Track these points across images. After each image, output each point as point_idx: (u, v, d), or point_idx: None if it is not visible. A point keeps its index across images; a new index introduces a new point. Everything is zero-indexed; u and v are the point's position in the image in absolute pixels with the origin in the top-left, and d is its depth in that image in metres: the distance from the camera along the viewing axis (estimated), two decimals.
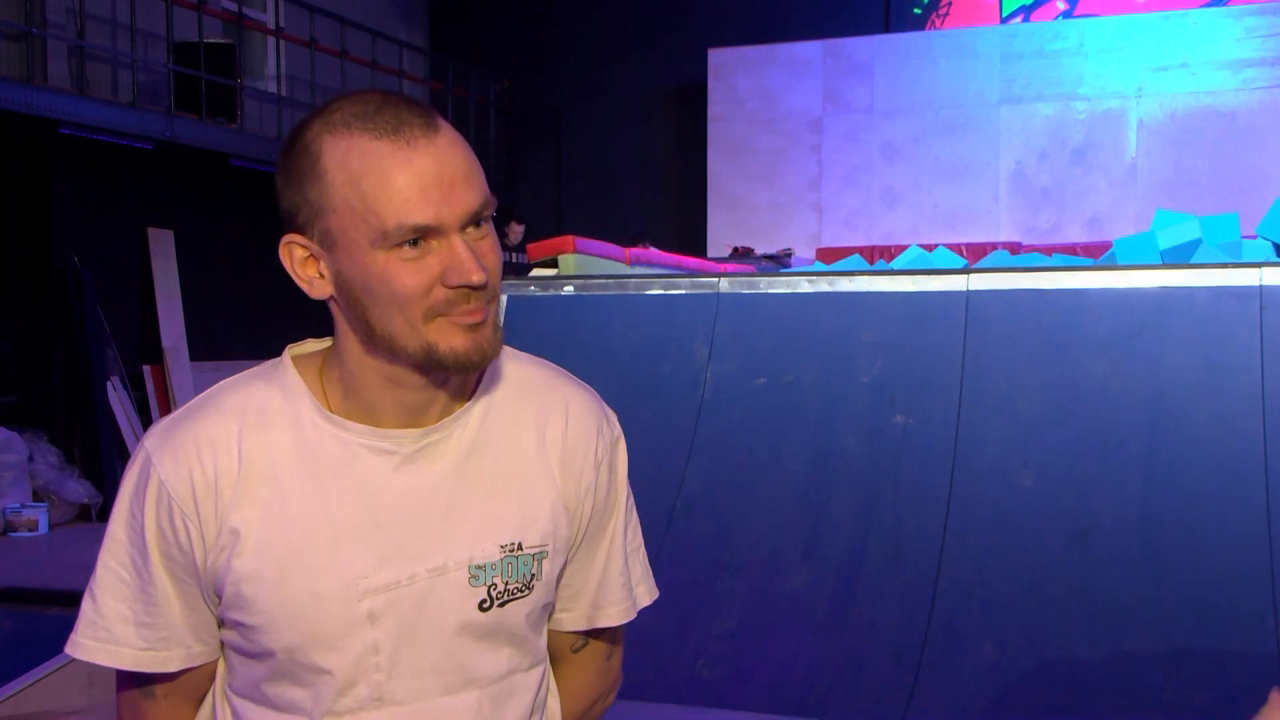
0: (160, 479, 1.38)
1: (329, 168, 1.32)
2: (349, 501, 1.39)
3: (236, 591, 1.38)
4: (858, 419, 4.98)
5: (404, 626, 1.41)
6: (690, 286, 5.57)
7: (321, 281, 1.38)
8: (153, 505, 1.38)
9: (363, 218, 1.31)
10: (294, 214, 1.37)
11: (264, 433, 1.41)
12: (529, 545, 1.47)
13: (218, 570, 1.39)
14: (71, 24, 10.58)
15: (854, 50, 13.99)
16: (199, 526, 1.38)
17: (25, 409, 10.40)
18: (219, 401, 1.44)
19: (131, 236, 11.42)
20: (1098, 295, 4.83)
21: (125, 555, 1.40)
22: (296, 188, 1.36)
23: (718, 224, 14.42)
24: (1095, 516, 4.48)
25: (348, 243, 1.32)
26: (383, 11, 15.38)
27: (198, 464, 1.38)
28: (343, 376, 1.42)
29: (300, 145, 1.36)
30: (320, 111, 1.37)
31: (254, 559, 1.37)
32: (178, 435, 1.41)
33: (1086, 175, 13.09)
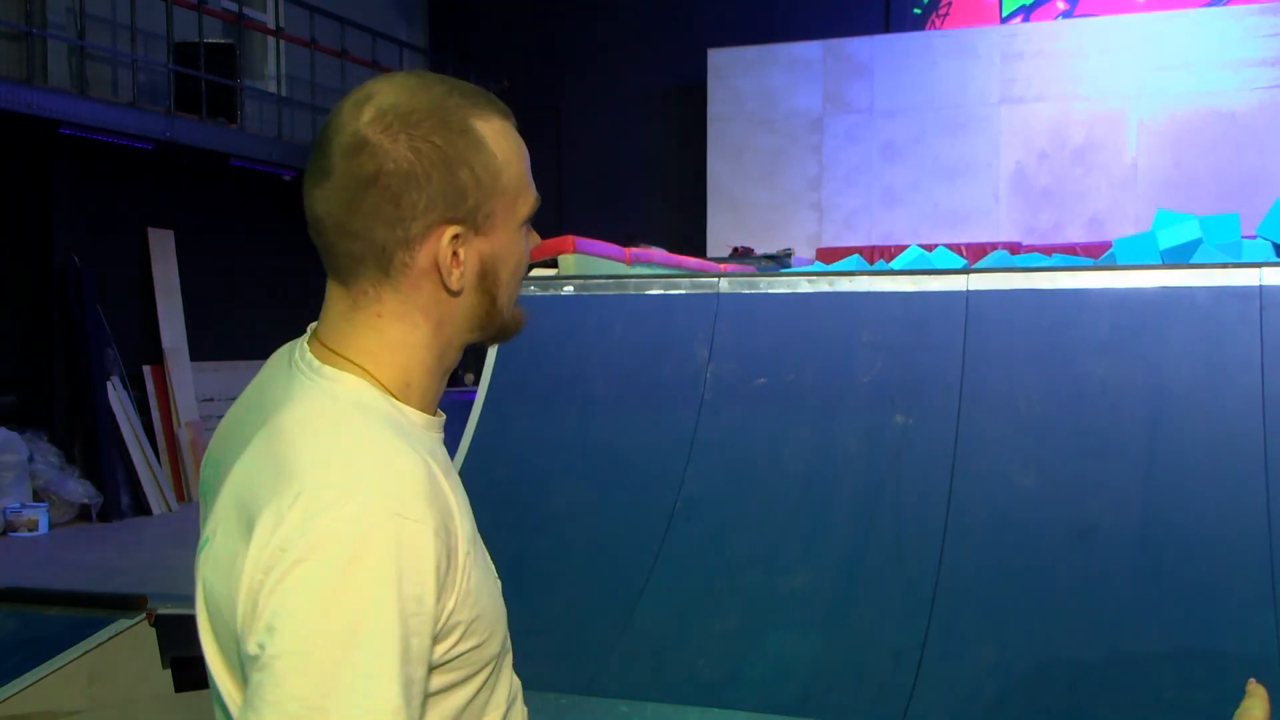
0: (432, 531, 1.19)
1: (493, 148, 1.33)
2: (457, 485, 1.33)
3: (474, 614, 1.26)
4: (858, 419, 4.96)
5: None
6: (690, 286, 5.56)
7: (459, 271, 1.33)
8: (431, 564, 1.19)
9: (518, 198, 1.36)
10: (456, 206, 1.30)
11: (421, 450, 1.27)
12: None
13: (457, 605, 1.23)
14: (72, 24, 10.59)
15: (854, 50, 13.99)
16: (453, 566, 1.23)
17: (26, 409, 10.43)
18: (382, 438, 1.25)
19: (132, 236, 11.44)
20: (1098, 295, 4.81)
21: (405, 646, 1.16)
22: (461, 172, 1.30)
23: (718, 224, 14.42)
24: (1095, 516, 4.45)
25: (504, 224, 1.35)
26: (382, 11, 15.39)
27: (437, 502, 1.23)
28: (403, 373, 1.34)
29: (447, 126, 1.30)
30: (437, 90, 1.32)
31: (477, 572, 1.28)
32: (408, 482, 1.21)
33: (1086, 175, 13.09)
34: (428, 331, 1.34)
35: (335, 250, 1.32)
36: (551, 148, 15.91)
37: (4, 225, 10.46)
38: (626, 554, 4.83)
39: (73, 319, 10.51)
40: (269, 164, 12.14)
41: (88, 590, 6.95)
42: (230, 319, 12.01)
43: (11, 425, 9.98)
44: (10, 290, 10.49)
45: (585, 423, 5.29)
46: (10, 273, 10.50)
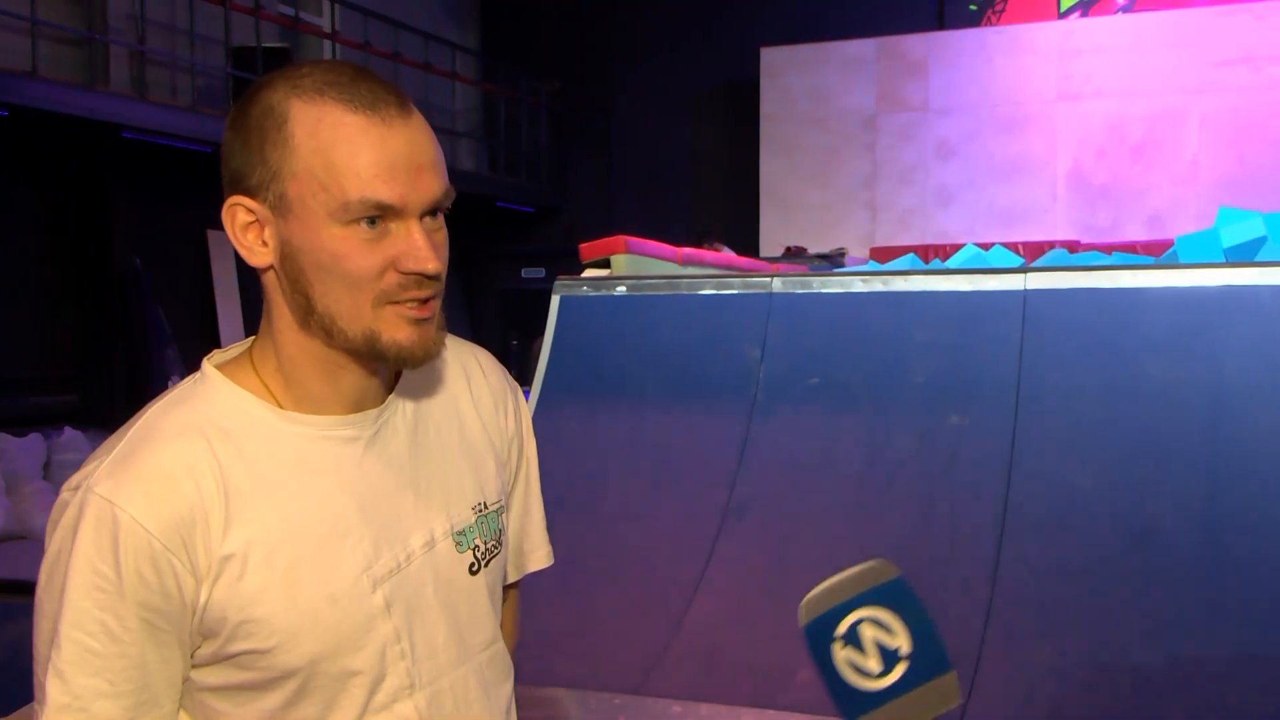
0: (133, 520, 1.25)
1: (296, 132, 1.28)
2: (333, 495, 1.35)
3: (245, 617, 1.30)
4: (912, 419, 4.92)
5: (413, 607, 1.40)
6: (742, 286, 5.52)
7: (263, 249, 1.32)
8: (129, 554, 1.25)
9: (325, 187, 1.27)
10: (245, 175, 1.31)
11: (231, 445, 1.32)
12: (490, 502, 1.51)
13: (215, 602, 1.29)
14: (132, 29, 10.72)
15: (908, 48, 13.86)
16: (189, 561, 1.27)
17: (87, 408, 10.58)
18: (165, 426, 1.32)
19: (191, 238, 11.57)
20: (1158, 294, 4.74)
21: (93, 622, 1.25)
22: (255, 149, 1.30)
23: (770, 224, 14.34)
24: (1155, 518, 4.38)
25: (304, 211, 1.29)
26: (435, 14, 15.46)
27: (175, 494, 1.27)
28: (281, 367, 1.37)
29: (263, 106, 1.30)
30: (287, 75, 1.32)
31: (258, 578, 1.30)
32: (138, 470, 1.27)
33: (1146, 172, 12.87)
34: (291, 326, 1.35)
35: None
36: (602, 148, 15.93)
37: (67, 228, 10.62)
38: (679, 554, 4.80)
39: (134, 320, 10.63)
40: None
41: None
42: None
43: (74, 424, 10.12)
44: (73, 292, 10.64)
45: (637, 422, 5.28)
46: (73, 275, 10.65)
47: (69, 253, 10.64)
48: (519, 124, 15.83)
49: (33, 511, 9.31)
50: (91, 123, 9.79)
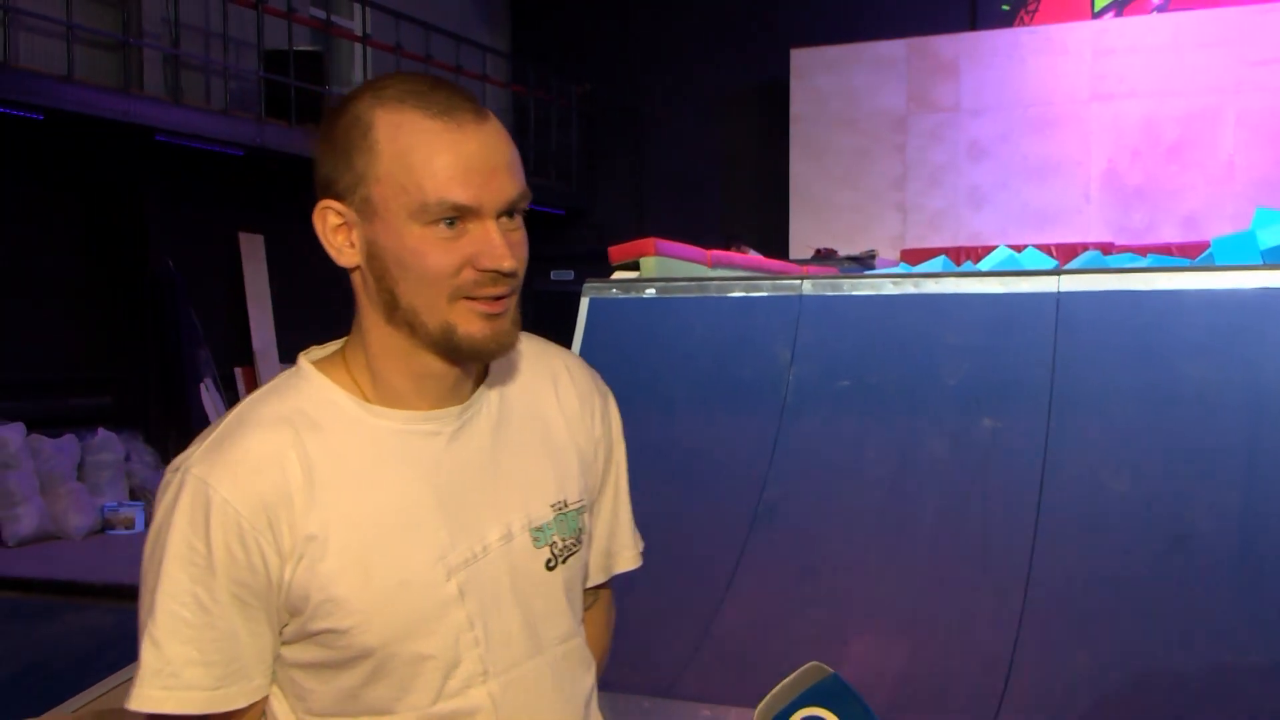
0: (224, 500, 1.34)
1: (380, 139, 1.36)
2: (412, 486, 1.42)
3: (325, 596, 1.37)
4: (944, 423, 4.88)
5: (488, 597, 1.45)
6: (772, 289, 5.49)
7: (350, 250, 1.41)
8: (219, 531, 1.34)
9: (405, 189, 1.35)
10: (333, 180, 1.40)
11: (317, 435, 1.40)
12: (572, 501, 1.56)
13: (298, 581, 1.37)
14: (167, 33, 10.78)
15: (940, 48, 13.79)
16: (274, 541, 1.36)
17: (122, 410, 10.66)
18: (258, 415, 1.41)
19: (224, 241, 11.63)
20: (1195, 296, 4.68)
21: (186, 594, 1.34)
22: (342, 155, 1.38)
23: (800, 225, 14.29)
24: (1193, 523, 4.32)
25: (387, 213, 1.37)
26: (466, 17, 15.50)
27: (262, 478, 1.36)
28: (369, 364, 1.45)
29: (350, 115, 1.38)
30: (371, 86, 1.41)
31: (337, 560, 1.37)
32: (230, 454, 1.37)
33: (1182, 173, 12.75)
34: (379, 322, 1.43)
35: None
36: (632, 150, 15.93)
37: (101, 231, 10.69)
38: (709, 557, 4.78)
39: (167, 322, 10.69)
40: None
41: None
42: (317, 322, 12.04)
43: (108, 425, 10.20)
44: (107, 294, 10.71)
45: (666, 425, 5.24)
46: (107, 277, 10.72)
47: (102, 255, 10.71)
48: (549, 126, 15.85)
49: (67, 512, 9.38)
50: (126, 126, 9.87)
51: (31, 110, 9.31)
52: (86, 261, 10.62)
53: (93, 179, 10.64)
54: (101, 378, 10.69)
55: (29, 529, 9.14)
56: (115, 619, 6.75)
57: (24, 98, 9.11)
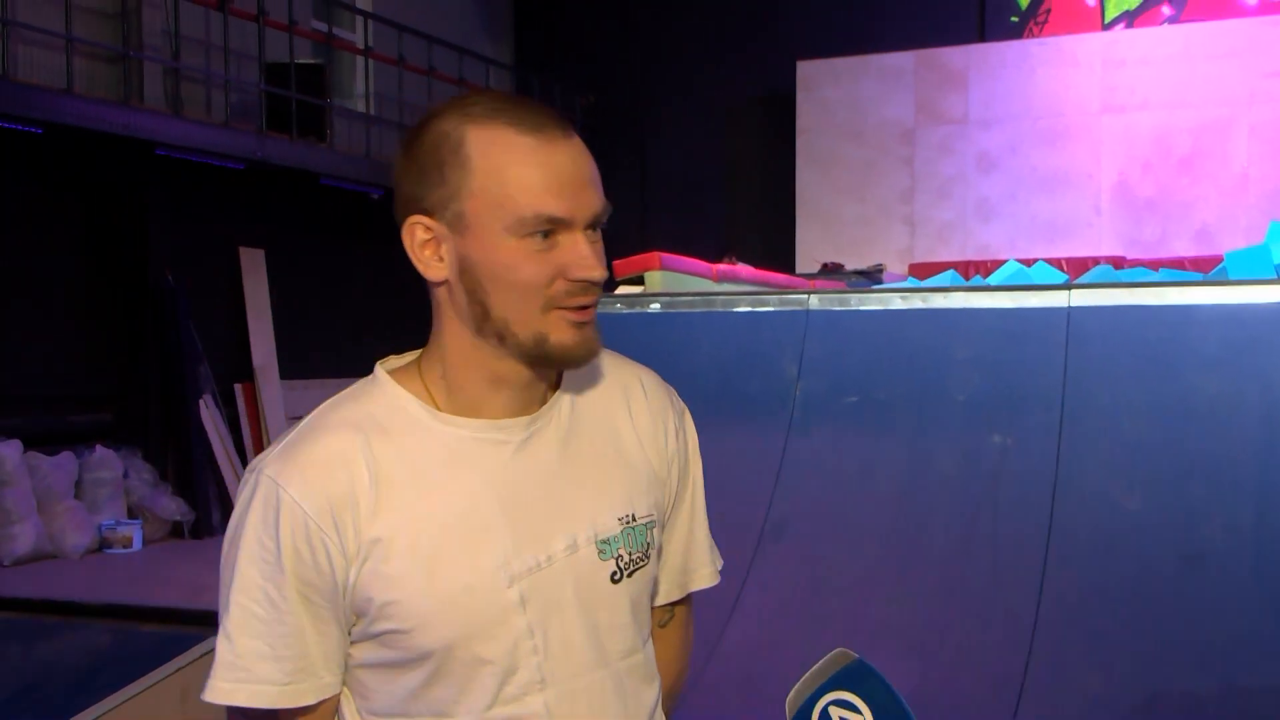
0: (293, 500, 1.39)
1: (472, 155, 1.40)
2: (478, 493, 1.45)
3: (387, 599, 1.40)
4: (954, 439, 4.89)
5: (550, 606, 1.47)
6: (779, 303, 5.51)
7: (439, 264, 1.43)
8: (287, 529, 1.38)
9: (500, 204, 1.39)
10: (421, 197, 1.43)
11: (387, 440, 1.44)
12: (640, 515, 1.56)
13: (362, 582, 1.40)
14: (167, 46, 10.76)
15: (948, 60, 13.75)
16: (339, 542, 1.39)
17: (120, 426, 10.61)
18: (330, 419, 1.46)
19: (224, 255, 11.61)
20: (1208, 311, 4.67)
21: (257, 590, 1.39)
22: (431, 172, 1.42)
23: (807, 239, 14.24)
24: (1206, 541, 4.33)
25: (480, 228, 1.40)
26: (469, 29, 15.50)
27: (330, 479, 1.40)
28: (446, 374, 1.47)
29: (437, 132, 1.42)
30: (458, 103, 1.45)
31: (401, 562, 1.40)
32: (300, 456, 1.42)
33: (1194, 186, 12.69)
34: (459, 332, 1.46)
35: None
36: (637, 162, 15.88)
37: (101, 244, 10.67)
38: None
39: (167, 337, 10.65)
40: (358, 183, 12.24)
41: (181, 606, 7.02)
42: (319, 337, 12.12)
43: (107, 442, 10.16)
44: (106, 308, 10.68)
45: None
46: (106, 291, 10.68)
47: (102, 269, 10.68)
48: None
49: (64, 530, 9.33)
50: (126, 139, 9.84)
51: (31, 124, 9.25)
52: (86, 276, 10.58)
53: (92, 193, 10.61)
54: (100, 394, 10.63)
55: (25, 548, 9.08)
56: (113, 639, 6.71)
57: (23, 111, 9.06)
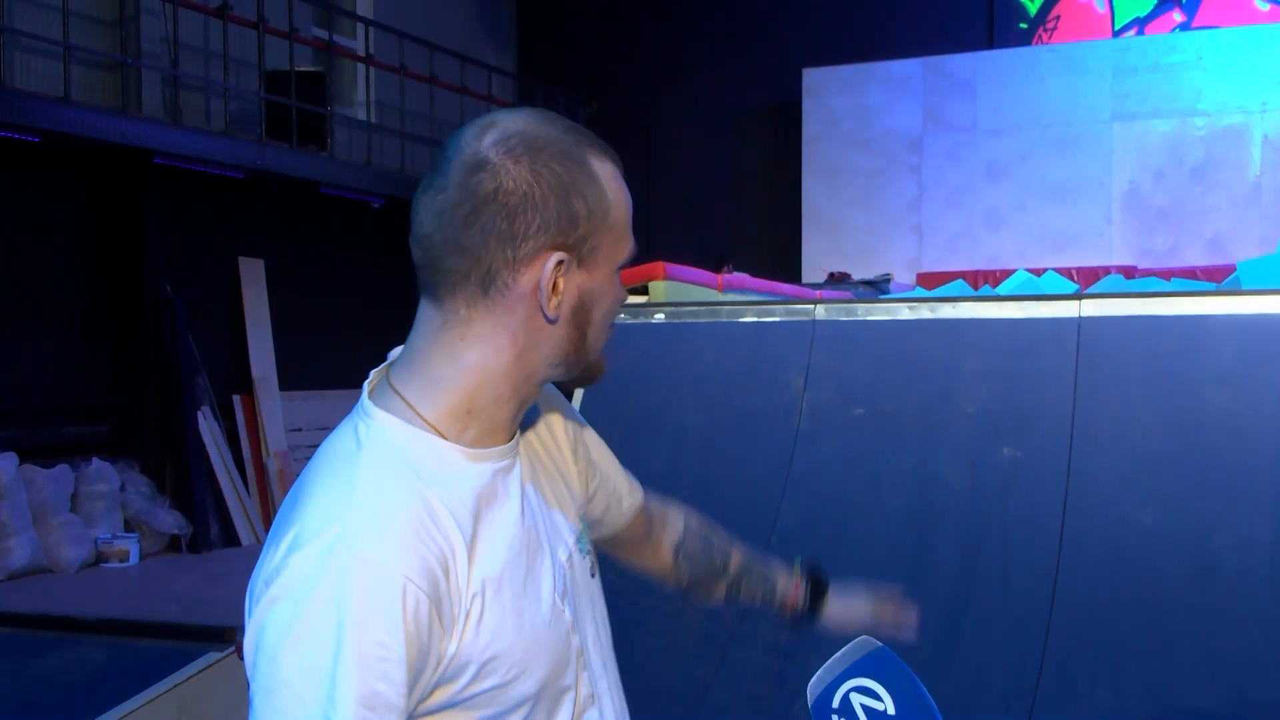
0: (406, 578, 1.25)
1: (607, 188, 1.40)
2: (518, 521, 1.42)
3: (488, 656, 1.33)
4: (962, 451, 4.83)
5: (581, 617, 1.49)
6: (785, 314, 5.46)
7: (556, 301, 1.39)
8: (403, 613, 1.24)
9: (621, 239, 1.42)
10: (566, 233, 1.37)
11: (447, 490, 1.35)
12: (580, 504, 1.62)
13: (464, 648, 1.31)
14: (165, 54, 10.71)
15: (955, 67, 13.71)
16: (449, 609, 1.29)
17: (117, 439, 10.57)
18: (381, 478, 1.32)
19: (223, 265, 11.57)
20: (1221, 322, 4.60)
21: (374, 697, 1.22)
22: (574, 199, 1.36)
23: (813, 248, 14.21)
24: (1220, 555, 4.24)
25: (605, 261, 1.41)
26: (471, 36, 15.48)
27: (432, 542, 1.29)
28: (472, 405, 1.39)
29: (569, 160, 1.37)
30: (570, 128, 1.41)
31: (495, 615, 1.34)
32: (392, 528, 1.27)
33: (1206, 194, 12.62)
34: (510, 357, 1.38)
35: (439, 266, 1.35)
36: (641, 171, 15.82)
37: (98, 254, 10.62)
38: None
39: (165, 348, 10.60)
40: (358, 191, 12.21)
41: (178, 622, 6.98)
42: (319, 348, 12.07)
43: (103, 455, 10.10)
44: (103, 319, 10.63)
45: (676, 453, 5.18)
46: (104, 302, 10.64)
47: (99, 279, 10.62)
48: None
49: (59, 544, 9.27)
50: (124, 148, 9.82)
51: (29, 132, 9.23)
52: (83, 286, 10.53)
53: (90, 202, 10.56)
54: (96, 405, 10.57)
55: (20, 561, 9.00)
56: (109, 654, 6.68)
57: (21, 120, 9.03)
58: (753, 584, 2.02)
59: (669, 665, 4.51)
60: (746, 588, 2.02)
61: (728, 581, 2.00)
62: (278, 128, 11.32)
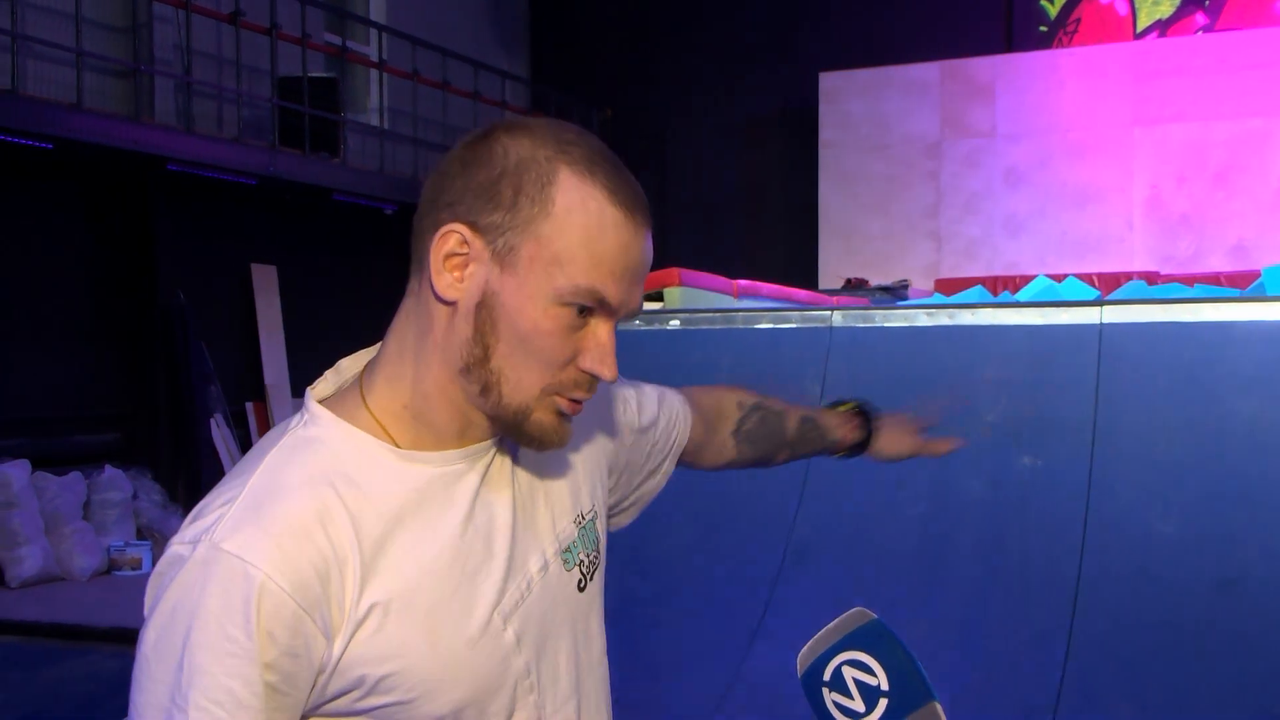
0: (267, 578, 1.19)
1: (558, 200, 1.28)
2: (458, 532, 1.33)
3: (388, 670, 1.26)
4: (981, 460, 4.78)
5: (538, 637, 1.40)
6: (801, 320, 5.42)
7: (458, 285, 1.30)
8: (262, 614, 1.19)
9: (560, 263, 1.27)
10: (475, 209, 1.29)
11: (358, 493, 1.28)
12: (586, 511, 1.52)
13: (352, 658, 1.24)
14: (178, 60, 10.71)
15: (974, 71, 13.63)
16: (324, 617, 1.22)
17: (130, 447, 10.60)
18: (287, 477, 1.27)
19: (235, 272, 11.60)
20: (1245, 328, 4.54)
21: (221, 690, 1.18)
22: (504, 190, 1.28)
23: (829, 255, 14.16)
24: (1244, 566, 4.19)
25: (528, 275, 1.28)
26: (484, 42, 15.50)
27: (310, 548, 1.22)
28: (413, 406, 1.34)
29: (526, 156, 1.29)
30: (552, 133, 1.32)
31: (398, 628, 1.26)
32: (268, 523, 1.22)
33: (1230, 199, 12.51)
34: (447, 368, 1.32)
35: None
36: (655, 177, 15.79)
37: (110, 262, 10.66)
38: (736, 599, 4.72)
39: (177, 356, 10.62)
40: (371, 198, 12.22)
41: None
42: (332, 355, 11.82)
43: (116, 463, 10.13)
44: (116, 326, 10.67)
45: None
46: (116, 309, 10.67)
47: (111, 287, 10.67)
48: None
49: (72, 552, 9.29)
50: (137, 155, 9.86)
51: (41, 139, 9.28)
52: (95, 293, 10.57)
53: (102, 209, 10.60)
54: (109, 414, 10.62)
55: (32, 570, 9.02)
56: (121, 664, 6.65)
57: (33, 126, 9.08)
58: (812, 439, 2.03)
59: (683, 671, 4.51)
60: (806, 446, 2.03)
61: (790, 447, 2.00)
62: (290, 134, 11.32)
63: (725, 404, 1.92)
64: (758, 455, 1.98)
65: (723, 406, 1.92)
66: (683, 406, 1.80)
